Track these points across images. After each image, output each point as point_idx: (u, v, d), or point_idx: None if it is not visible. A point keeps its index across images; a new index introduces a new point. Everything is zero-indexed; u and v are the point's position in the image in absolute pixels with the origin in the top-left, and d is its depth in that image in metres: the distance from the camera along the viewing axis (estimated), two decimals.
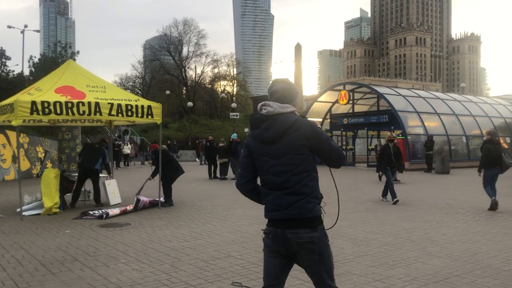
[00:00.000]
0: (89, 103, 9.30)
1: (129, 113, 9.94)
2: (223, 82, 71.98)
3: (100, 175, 11.19)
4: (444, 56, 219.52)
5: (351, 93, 26.81)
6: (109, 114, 9.63)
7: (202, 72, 67.58)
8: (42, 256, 6.06)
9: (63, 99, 9.21)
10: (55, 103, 9.02)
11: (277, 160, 2.77)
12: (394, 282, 4.84)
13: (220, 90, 70.52)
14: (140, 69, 70.87)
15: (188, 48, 66.35)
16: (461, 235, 7.24)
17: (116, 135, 36.01)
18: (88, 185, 11.22)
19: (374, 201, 11.37)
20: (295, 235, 2.70)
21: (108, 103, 9.57)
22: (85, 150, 11.15)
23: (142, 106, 10.17)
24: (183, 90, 67.68)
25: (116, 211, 9.45)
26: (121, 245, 6.73)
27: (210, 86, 70.20)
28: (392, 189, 11.05)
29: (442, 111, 26.02)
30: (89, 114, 9.37)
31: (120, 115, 9.77)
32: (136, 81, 71.31)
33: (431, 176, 19.73)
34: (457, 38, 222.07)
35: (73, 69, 10.68)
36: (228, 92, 69.42)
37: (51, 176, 9.89)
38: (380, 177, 16.49)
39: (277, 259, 2.81)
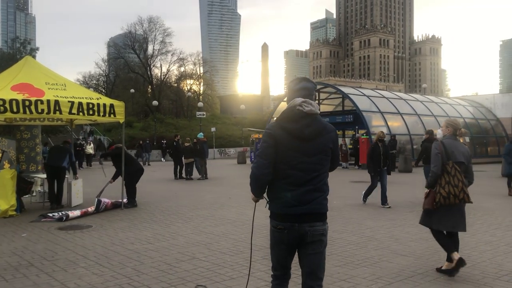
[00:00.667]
0: (48, 101, 8.97)
1: (91, 112, 9.64)
2: (189, 81, 71.27)
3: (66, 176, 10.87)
4: (406, 57, 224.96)
5: (316, 93, 27.04)
6: (70, 113, 9.31)
7: (168, 70, 66.77)
8: None
9: (20, 97, 8.85)
10: (11, 101, 8.65)
11: (308, 158, 2.91)
12: (359, 281, 4.85)
13: (186, 89, 69.82)
14: (104, 67, 69.40)
15: (154, 46, 65.41)
16: (424, 233, 7.32)
17: (81, 137, 35.11)
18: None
19: (339, 200, 11.44)
20: (312, 228, 2.92)
21: (69, 101, 9.26)
22: (51, 150, 10.99)
23: (104, 105, 9.88)
24: (148, 89, 66.65)
25: (77, 213, 9.15)
26: (81, 248, 6.49)
27: (176, 85, 69.37)
28: (370, 192, 10.63)
29: (404, 111, 26.59)
30: (48, 112, 9.03)
31: (81, 113, 9.47)
32: (100, 79, 69.68)
33: (394, 174, 20.05)
34: (419, 40, 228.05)
35: (31, 66, 10.28)
36: (195, 91, 68.86)
37: (7, 177, 9.46)
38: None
39: (290, 253, 3.02)
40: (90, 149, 28.16)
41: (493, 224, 8.01)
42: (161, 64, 66.40)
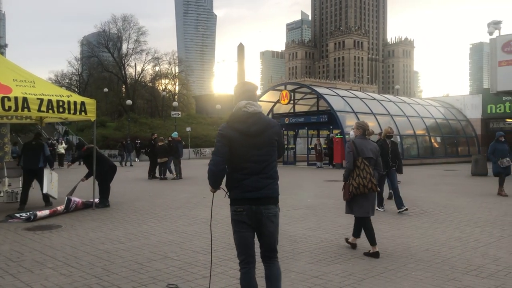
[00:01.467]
0: (16, 98, 8.70)
1: (61, 110, 9.40)
2: (164, 81, 70.67)
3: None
4: (380, 59, 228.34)
5: (292, 93, 27.16)
6: (39, 110, 9.06)
7: (143, 70, 66.04)
8: None
9: None
10: None
11: (258, 151, 3.39)
12: (331, 278, 4.85)
13: (161, 89, 69.19)
14: (77, 66, 68.19)
15: (128, 45, 64.61)
16: (395, 230, 7.44)
17: (55, 137, 34.34)
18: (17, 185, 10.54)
19: (314, 199, 11.49)
20: (267, 210, 3.42)
21: (38, 98, 9.01)
22: (24, 150, 10.59)
23: (75, 102, 9.66)
24: (123, 88, 65.78)
25: (45, 212, 8.91)
26: (49, 249, 6.31)
27: (151, 84, 68.66)
28: (381, 197, 9.44)
29: (378, 111, 26.92)
30: (16, 110, 8.76)
31: (50, 111, 9.22)
32: (73, 78, 68.46)
33: None
34: (392, 42, 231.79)
35: None
36: (170, 91, 68.29)
37: None
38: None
39: (250, 232, 3.45)
40: (61, 148, 27.55)
41: (463, 221, 8.16)
42: (135, 63, 65.73)
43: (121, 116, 56.97)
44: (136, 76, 65.68)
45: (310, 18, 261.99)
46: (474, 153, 30.86)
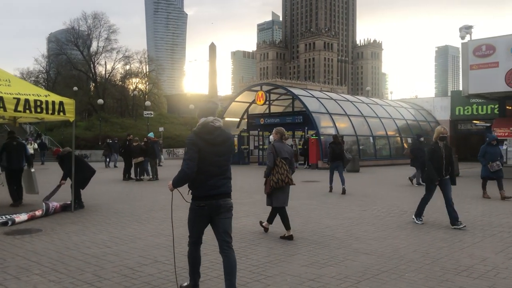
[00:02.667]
0: None
1: (38, 110, 9.12)
2: (135, 80, 69.58)
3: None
4: (349, 61, 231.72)
5: (267, 94, 27.21)
6: (15, 111, 8.76)
7: (113, 68, 64.83)
8: None
9: None
10: None
11: (219, 157, 4.19)
12: (328, 281, 4.87)
13: (132, 88, 68.11)
14: (44, 64, 66.30)
15: (98, 43, 63.31)
16: (380, 231, 7.54)
17: (30, 138, 33.28)
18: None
19: (294, 200, 11.52)
20: (225, 202, 4.22)
21: (14, 98, 8.70)
22: (8, 151, 10.51)
23: (53, 102, 9.39)
24: (91, 87, 64.43)
25: (23, 217, 8.60)
26: (32, 254, 6.10)
27: (121, 83, 67.51)
28: (424, 206, 8.36)
29: (351, 112, 27.32)
30: None
31: (28, 111, 8.93)
32: (40, 76, 66.53)
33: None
34: (361, 44, 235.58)
35: None
36: (141, 90, 67.31)
37: None
38: (413, 181, 15.38)
39: (205, 222, 4.30)
40: (31, 148, 26.75)
41: (444, 221, 8.32)
42: (105, 62, 64.42)
43: (90, 115, 55.79)
44: (107, 74, 64.45)
45: (281, 19, 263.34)
46: None
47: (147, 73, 69.80)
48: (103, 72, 64.70)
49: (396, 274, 5.10)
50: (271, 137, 7.44)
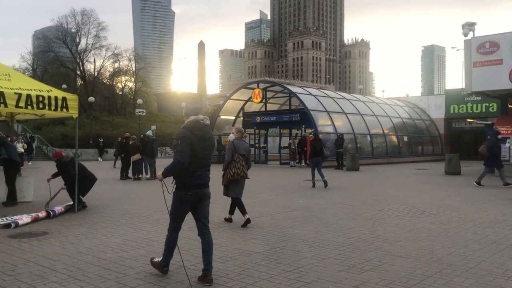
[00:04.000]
0: None
1: (41, 105, 8.66)
2: (123, 78, 68.55)
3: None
4: (337, 60, 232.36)
5: (264, 92, 26.84)
6: (17, 106, 8.30)
7: (102, 66, 63.77)
8: None
9: None
10: None
11: (206, 151, 4.79)
12: None
13: (120, 86, 67.15)
14: (31, 61, 64.95)
15: (87, 40, 62.18)
16: (407, 232, 7.23)
17: (22, 140, 32.36)
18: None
19: (304, 199, 11.20)
20: (207, 191, 4.85)
21: (15, 93, 8.24)
22: (5, 144, 10.42)
23: (56, 98, 8.92)
24: (78, 84, 63.23)
25: (26, 219, 8.12)
26: (44, 259, 5.66)
27: (110, 81, 66.47)
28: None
29: (349, 110, 27.09)
30: None
31: (29, 107, 8.48)
32: (26, 74, 65.15)
33: (343, 173, 20.30)
34: (349, 43, 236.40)
35: None
36: (130, 88, 66.39)
37: None
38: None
39: (189, 209, 4.83)
40: (20, 147, 26.03)
41: (467, 222, 8.06)
42: (94, 59, 63.33)
43: (80, 114, 54.82)
44: (95, 72, 63.41)
45: (269, 17, 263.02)
46: (438, 152, 31.76)
47: (137, 71, 68.83)
48: (92, 70, 63.68)
49: (443, 280, 4.77)
50: (231, 135, 8.13)
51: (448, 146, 32.91)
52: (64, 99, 9.07)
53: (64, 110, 9.09)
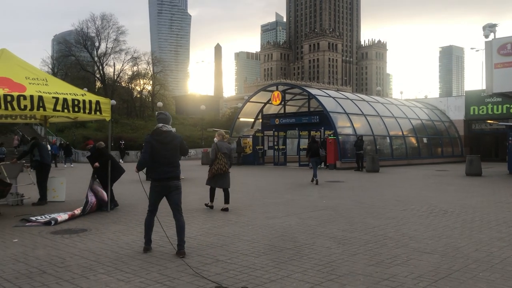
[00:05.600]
0: (32, 96, 8.37)
1: (76, 109, 9.08)
2: (142, 81, 69.52)
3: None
4: (353, 61, 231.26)
5: (283, 94, 27.11)
6: (54, 110, 8.73)
7: (121, 69, 64.76)
8: (1, 270, 5.23)
9: (0, 91, 8.16)
10: None
11: (168, 152, 5.85)
12: (403, 281, 4.76)
13: (139, 89, 68.15)
14: (51, 65, 66.29)
15: (107, 44, 63.26)
16: (431, 230, 7.43)
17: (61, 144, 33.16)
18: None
19: (326, 199, 11.44)
20: (173, 183, 5.92)
21: (53, 97, 8.67)
22: (38, 146, 11.03)
23: (90, 102, 9.35)
24: (96, 88, 64.28)
25: (64, 216, 8.55)
26: (88, 253, 6.03)
27: (128, 84, 67.45)
28: None
29: (368, 112, 27.17)
30: (32, 109, 8.44)
31: (66, 110, 8.91)
32: None
33: (363, 174, 20.45)
34: (365, 45, 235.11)
35: (8, 59, 9.53)
36: (148, 91, 67.31)
37: None
38: None
39: (159, 197, 6.01)
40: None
41: (491, 221, 8.22)
42: (114, 63, 64.38)
43: None
44: (115, 76, 64.43)
45: (284, 19, 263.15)
46: (458, 154, 31.62)
47: (155, 74, 69.72)
48: (112, 73, 64.71)
49: (469, 274, 4.99)
50: (215, 139, 9.93)
51: (468, 147, 32.72)
52: (97, 102, 9.49)
53: (98, 113, 9.51)
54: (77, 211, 8.96)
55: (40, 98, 8.48)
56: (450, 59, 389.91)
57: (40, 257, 5.81)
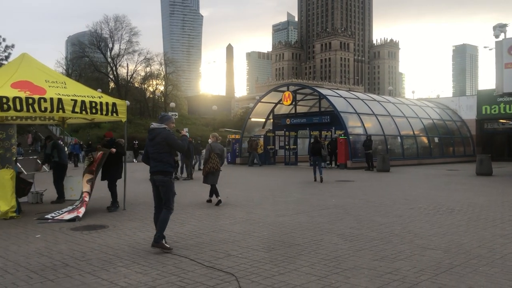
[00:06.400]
0: (52, 99, 8.72)
1: (93, 111, 9.44)
2: (155, 81, 70.31)
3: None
4: (365, 60, 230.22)
5: (294, 94, 27.35)
6: (73, 111, 9.08)
7: (135, 70, 65.54)
8: (27, 263, 5.60)
9: (22, 94, 8.55)
10: (14, 98, 8.34)
11: (153, 147, 6.37)
12: (406, 274, 5.02)
13: (152, 89, 68.89)
14: (66, 66, 67.29)
15: (120, 45, 64.08)
16: (436, 228, 7.65)
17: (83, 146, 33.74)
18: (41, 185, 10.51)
19: (336, 198, 11.67)
20: (158, 178, 6.33)
21: (72, 99, 9.03)
22: (58, 148, 11.63)
23: (107, 103, 9.71)
24: (109, 89, 65.14)
25: (82, 209, 9.03)
26: (107, 248, 6.38)
27: (141, 85, 68.24)
28: None
29: (378, 112, 27.27)
30: (52, 111, 8.78)
31: (84, 112, 9.26)
32: None
33: (374, 174, 20.59)
34: (377, 44, 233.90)
35: (28, 63, 9.91)
36: (161, 92, 68.01)
37: (6, 177, 9.14)
38: None
39: (156, 190, 6.44)
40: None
41: (496, 219, 8.40)
42: (127, 64, 65.18)
43: None
44: (128, 77, 65.21)
45: (296, 19, 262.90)
46: (470, 153, 31.55)
47: (167, 75, 70.41)
48: (125, 74, 65.51)
49: (470, 268, 5.22)
50: (210, 140, 10.77)
51: (480, 147, 32.61)
52: (114, 104, 9.87)
53: (114, 114, 9.88)
54: (86, 198, 9.41)
55: (60, 100, 8.84)
56: (464, 58, 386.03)
57: (62, 251, 6.17)
